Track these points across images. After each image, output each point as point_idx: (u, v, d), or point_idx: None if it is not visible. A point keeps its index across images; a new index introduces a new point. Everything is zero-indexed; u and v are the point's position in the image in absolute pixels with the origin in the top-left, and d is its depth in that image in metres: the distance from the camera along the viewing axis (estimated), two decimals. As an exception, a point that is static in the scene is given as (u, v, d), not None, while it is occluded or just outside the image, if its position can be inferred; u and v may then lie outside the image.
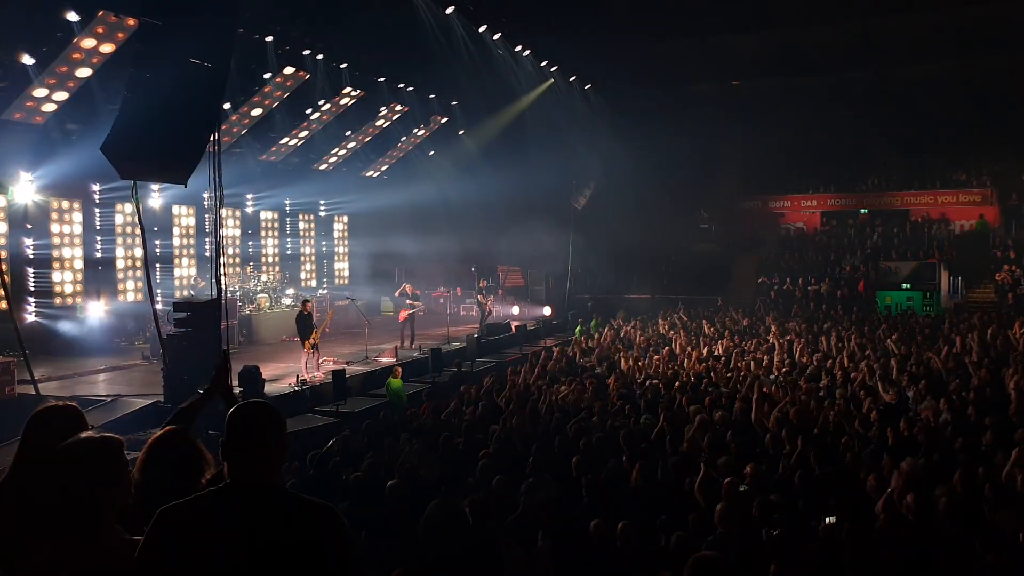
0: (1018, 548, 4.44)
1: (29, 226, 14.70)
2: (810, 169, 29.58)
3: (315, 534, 2.05)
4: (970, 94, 25.41)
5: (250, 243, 20.93)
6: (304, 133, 19.90)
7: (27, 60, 12.45)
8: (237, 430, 2.14)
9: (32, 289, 14.66)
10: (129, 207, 16.36)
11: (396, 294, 15.76)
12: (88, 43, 12.68)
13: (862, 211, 28.79)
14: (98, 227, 16.23)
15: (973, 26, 22.75)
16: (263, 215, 21.53)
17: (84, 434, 2.12)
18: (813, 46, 24.54)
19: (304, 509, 2.09)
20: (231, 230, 19.84)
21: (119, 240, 16.65)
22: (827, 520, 4.96)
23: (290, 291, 19.34)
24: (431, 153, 24.75)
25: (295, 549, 2.00)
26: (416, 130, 23.14)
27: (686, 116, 26.43)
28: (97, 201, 16.14)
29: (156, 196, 17.42)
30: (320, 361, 13.04)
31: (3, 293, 11.71)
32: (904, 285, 22.72)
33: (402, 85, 20.21)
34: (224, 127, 15.68)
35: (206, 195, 17.30)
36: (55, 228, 15.13)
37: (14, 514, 2.02)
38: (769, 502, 5.14)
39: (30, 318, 14.40)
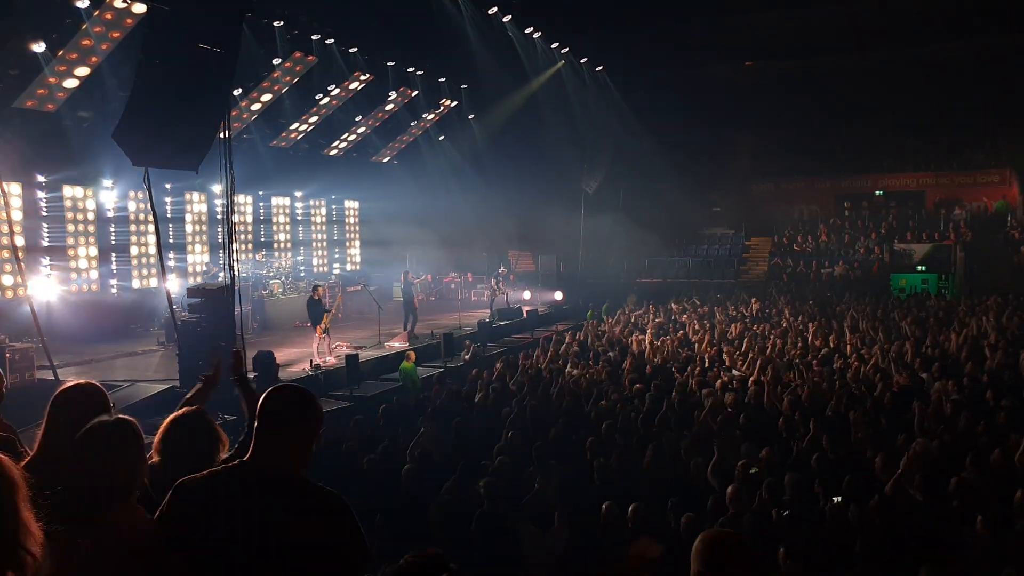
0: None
1: (44, 213, 14.83)
2: (824, 150, 29.19)
3: (322, 522, 2.07)
4: (987, 74, 24.93)
5: (262, 229, 21.01)
6: (314, 118, 19.86)
7: (37, 47, 12.43)
8: (264, 412, 2.16)
9: (48, 276, 14.82)
10: (142, 194, 16.44)
11: (403, 283, 15.76)
12: (97, 30, 12.68)
13: (877, 193, 28.43)
14: (111, 214, 16.34)
15: (990, 5, 22.28)
16: (274, 201, 21.58)
17: (102, 417, 2.16)
18: (827, 26, 24.12)
19: (314, 496, 2.12)
20: (243, 216, 19.91)
21: (132, 227, 16.77)
22: (834, 500, 4.98)
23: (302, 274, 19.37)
24: (441, 138, 24.65)
25: (301, 533, 2.03)
26: (425, 115, 23.05)
27: (698, 98, 26.12)
28: (110, 188, 16.23)
29: (168, 183, 17.48)
30: (332, 346, 13.12)
31: (21, 280, 11.86)
32: (919, 267, 22.46)
33: (411, 69, 20.09)
34: (234, 113, 15.65)
35: (217, 182, 17.34)
36: (69, 215, 15.26)
37: (42, 493, 2.07)
38: (778, 484, 5.15)
39: (47, 305, 14.56)
